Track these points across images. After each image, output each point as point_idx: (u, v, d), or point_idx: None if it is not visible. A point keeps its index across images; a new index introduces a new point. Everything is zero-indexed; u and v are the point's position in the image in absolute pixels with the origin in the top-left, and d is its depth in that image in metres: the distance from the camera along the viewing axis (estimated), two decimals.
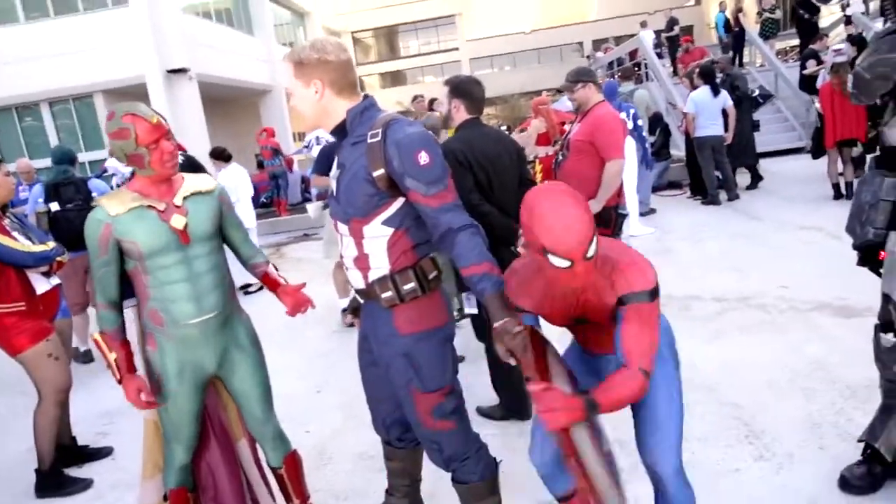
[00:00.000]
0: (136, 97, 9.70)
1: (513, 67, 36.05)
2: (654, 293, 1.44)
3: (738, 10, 13.11)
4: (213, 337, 1.88)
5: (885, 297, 2.05)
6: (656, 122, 9.71)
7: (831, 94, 6.30)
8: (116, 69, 13.37)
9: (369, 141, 1.60)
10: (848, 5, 11.28)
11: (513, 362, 1.51)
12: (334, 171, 1.75)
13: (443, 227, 1.57)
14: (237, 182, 6.09)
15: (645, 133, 6.75)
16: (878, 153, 2.09)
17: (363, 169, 1.60)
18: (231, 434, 2.09)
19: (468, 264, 1.54)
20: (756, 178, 8.08)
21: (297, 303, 2.07)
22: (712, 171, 7.49)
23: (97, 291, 1.84)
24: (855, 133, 6.35)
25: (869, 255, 2.09)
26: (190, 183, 1.91)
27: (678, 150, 9.50)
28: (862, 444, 2.17)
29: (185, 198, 1.86)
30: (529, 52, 36.09)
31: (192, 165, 5.12)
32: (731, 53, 11.66)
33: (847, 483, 2.12)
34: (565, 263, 1.34)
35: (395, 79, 38.11)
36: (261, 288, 5.69)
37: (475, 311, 2.78)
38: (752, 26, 13.16)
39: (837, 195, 6.63)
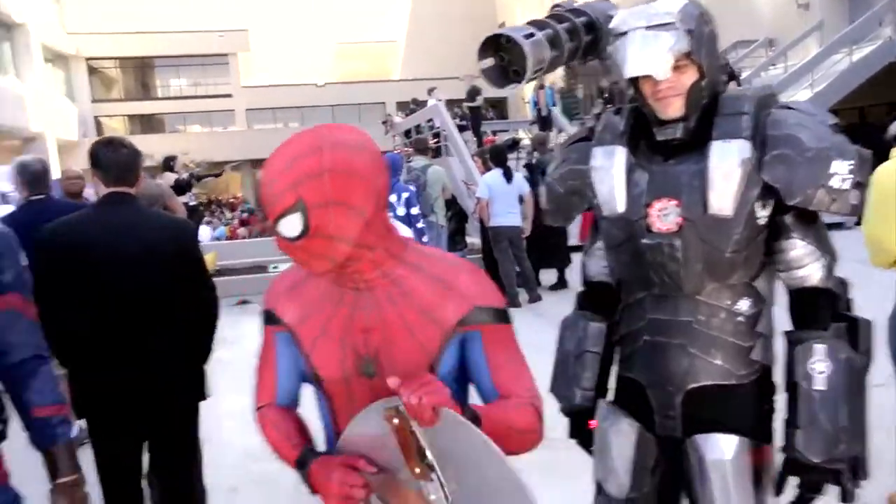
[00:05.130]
0: None
1: (301, 124, 35.91)
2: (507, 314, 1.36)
3: (540, 87, 14.04)
4: None
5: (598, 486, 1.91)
6: (451, 204, 9.87)
7: None
8: None
9: None
10: None
11: None
12: None
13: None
14: None
15: (422, 223, 6.46)
16: (581, 288, 2.03)
17: None
18: None
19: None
20: (563, 279, 8.31)
21: None
22: (510, 266, 7.55)
23: None
24: None
25: (579, 424, 1.95)
26: None
27: (475, 237, 9.63)
28: None
29: None
30: (322, 109, 36.58)
31: None
32: (548, 132, 12.16)
33: None
34: (286, 229, 1.18)
35: (147, 124, 35.85)
36: None
37: None
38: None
39: None
